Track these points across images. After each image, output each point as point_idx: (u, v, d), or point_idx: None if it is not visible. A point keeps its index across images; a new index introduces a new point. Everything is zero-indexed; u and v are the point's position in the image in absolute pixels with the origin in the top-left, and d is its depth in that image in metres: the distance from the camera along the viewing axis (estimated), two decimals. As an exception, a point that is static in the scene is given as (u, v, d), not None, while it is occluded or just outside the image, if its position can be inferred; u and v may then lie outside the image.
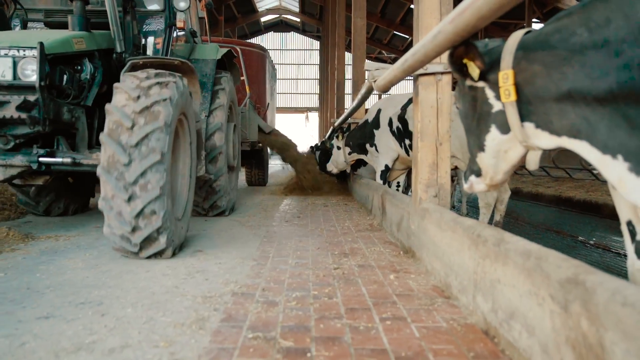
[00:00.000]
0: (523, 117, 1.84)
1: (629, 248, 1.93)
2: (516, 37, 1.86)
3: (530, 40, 1.81)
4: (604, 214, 7.14)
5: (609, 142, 1.63)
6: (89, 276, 2.91)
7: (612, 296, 1.19)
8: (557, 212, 7.96)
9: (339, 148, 7.92)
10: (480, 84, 1.98)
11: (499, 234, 2.00)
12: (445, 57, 3.19)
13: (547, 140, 1.82)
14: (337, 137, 7.99)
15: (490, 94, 1.96)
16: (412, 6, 17.75)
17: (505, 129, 1.92)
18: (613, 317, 1.17)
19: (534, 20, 17.88)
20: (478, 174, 2.13)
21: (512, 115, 1.84)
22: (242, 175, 11.31)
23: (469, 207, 7.40)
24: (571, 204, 8.40)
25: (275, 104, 16.60)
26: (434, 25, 3.11)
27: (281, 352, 1.78)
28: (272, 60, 15.18)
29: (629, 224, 1.91)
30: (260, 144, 10.06)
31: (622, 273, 1.82)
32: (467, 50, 1.92)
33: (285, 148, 10.00)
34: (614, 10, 1.58)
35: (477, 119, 2.05)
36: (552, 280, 1.47)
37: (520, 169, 13.62)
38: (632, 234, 1.91)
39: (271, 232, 4.60)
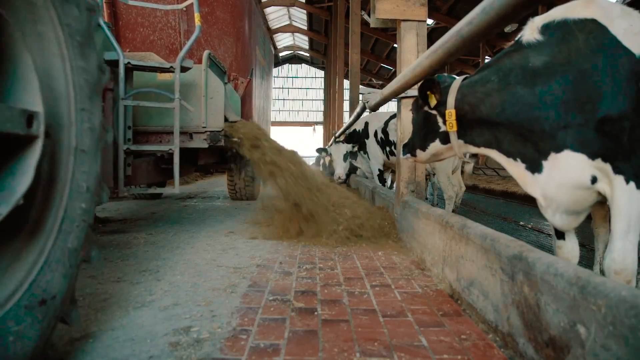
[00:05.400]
0: (458, 137, 2.07)
1: (553, 231, 2.00)
2: (457, 82, 2.02)
3: (464, 86, 1.98)
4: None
5: (510, 150, 1.83)
6: (148, 250, 2.94)
7: (547, 269, 1.21)
8: (504, 203, 7.95)
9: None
10: (434, 111, 2.15)
11: (463, 221, 2.01)
12: (421, 84, 3.22)
13: (473, 150, 2.07)
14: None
15: (439, 120, 2.14)
16: (395, 45, 17.81)
17: (445, 142, 2.16)
18: (547, 285, 1.19)
19: (486, 57, 18.03)
20: (413, 155, 2.42)
21: (454, 139, 2.07)
22: (223, 186, 8.27)
23: (437, 199, 7.39)
24: (514, 196, 8.41)
25: (270, 97, 8.66)
26: (412, 61, 3.12)
27: (295, 311, 1.79)
28: (263, 15, 6.75)
29: None
30: (236, 139, 3.80)
31: (550, 249, 1.88)
32: (431, 86, 2.08)
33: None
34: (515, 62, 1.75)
35: (425, 130, 2.25)
36: (503, 257, 1.48)
37: (477, 170, 13.74)
38: None
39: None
